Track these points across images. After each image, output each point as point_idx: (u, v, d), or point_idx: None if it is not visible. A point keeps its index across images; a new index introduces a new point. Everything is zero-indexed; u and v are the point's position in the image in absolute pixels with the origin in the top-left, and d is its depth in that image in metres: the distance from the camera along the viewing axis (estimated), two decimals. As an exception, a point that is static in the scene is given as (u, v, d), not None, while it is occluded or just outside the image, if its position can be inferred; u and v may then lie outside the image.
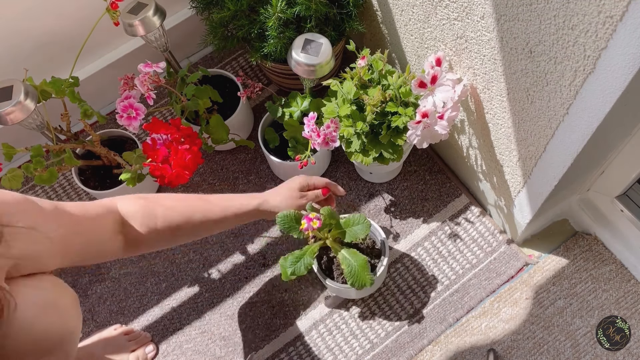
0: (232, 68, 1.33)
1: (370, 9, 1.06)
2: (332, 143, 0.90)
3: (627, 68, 0.56)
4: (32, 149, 0.93)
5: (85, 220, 0.71)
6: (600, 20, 0.55)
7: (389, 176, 1.19)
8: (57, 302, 0.61)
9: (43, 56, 1.13)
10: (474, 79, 0.85)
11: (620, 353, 1.00)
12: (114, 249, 0.76)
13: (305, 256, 0.89)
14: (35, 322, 0.57)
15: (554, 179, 0.82)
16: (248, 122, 1.24)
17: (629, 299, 1.04)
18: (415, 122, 0.83)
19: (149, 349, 1.07)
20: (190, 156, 0.92)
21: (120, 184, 1.09)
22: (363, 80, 0.93)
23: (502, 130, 0.86)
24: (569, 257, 1.09)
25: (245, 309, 1.11)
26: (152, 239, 0.81)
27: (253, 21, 1.02)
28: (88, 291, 1.15)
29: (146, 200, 0.82)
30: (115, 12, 0.93)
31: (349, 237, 0.91)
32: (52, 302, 0.60)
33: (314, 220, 0.86)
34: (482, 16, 0.72)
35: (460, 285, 1.09)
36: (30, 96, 0.92)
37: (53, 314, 0.60)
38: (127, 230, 0.78)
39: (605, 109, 0.62)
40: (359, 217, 0.91)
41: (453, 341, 1.05)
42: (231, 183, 1.22)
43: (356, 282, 0.88)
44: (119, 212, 0.78)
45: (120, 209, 0.78)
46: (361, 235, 0.90)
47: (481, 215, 1.14)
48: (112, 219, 0.76)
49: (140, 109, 0.95)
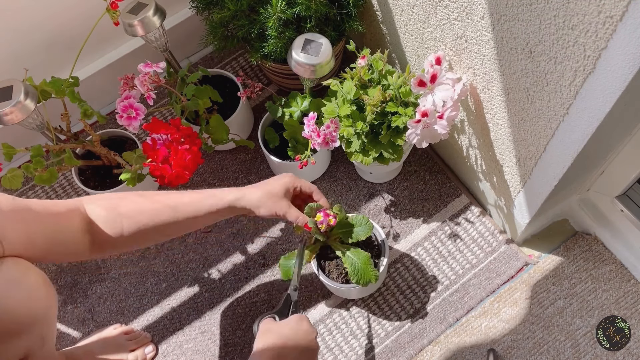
0: (232, 68, 1.33)
1: (370, 9, 1.06)
2: (332, 143, 0.90)
3: (627, 68, 0.56)
4: (32, 149, 0.93)
5: (48, 215, 0.70)
6: (600, 20, 0.55)
7: (389, 176, 1.19)
8: (21, 280, 0.60)
9: (43, 56, 1.14)
10: (474, 79, 0.85)
11: (620, 353, 1.00)
12: (80, 248, 0.74)
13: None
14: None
15: (554, 179, 0.82)
16: (248, 122, 1.24)
17: (629, 299, 1.04)
18: (415, 121, 0.83)
19: (149, 349, 1.07)
20: (190, 156, 0.92)
21: (120, 184, 1.09)
22: (363, 80, 0.93)
23: (502, 130, 0.86)
24: (569, 257, 1.09)
25: (245, 309, 1.11)
26: (119, 241, 0.78)
27: (253, 21, 1.02)
28: (88, 291, 1.15)
29: (112, 200, 0.79)
30: (115, 12, 0.93)
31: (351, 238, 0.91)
32: (14, 280, 0.59)
33: (330, 217, 0.84)
34: (482, 16, 0.72)
35: (460, 285, 1.09)
36: (30, 96, 0.92)
37: (16, 292, 0.58)
38: (94, 230, 0.76)
39: (605, 109, 0.62)
40: (361, 219, 0.91)
41: (453, 341, 1.05)
42: (231, 183, 1.22)
43: (361, 279, 0.88)
44: (86, 211, 0.76)
45: (86, 208, 0.76)
46: (363, 237, 0.90)
47: (481, 215, 1.14)
48: (78, 218, 0.74)
49: (140, 109, 0.95)
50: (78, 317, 1.12)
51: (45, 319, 0.61)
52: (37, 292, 0.60)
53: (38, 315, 0.60)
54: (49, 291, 0.63)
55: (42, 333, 0.61)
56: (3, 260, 0.60)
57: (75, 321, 1.12)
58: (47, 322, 0.62)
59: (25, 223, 0.64)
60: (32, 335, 0.60)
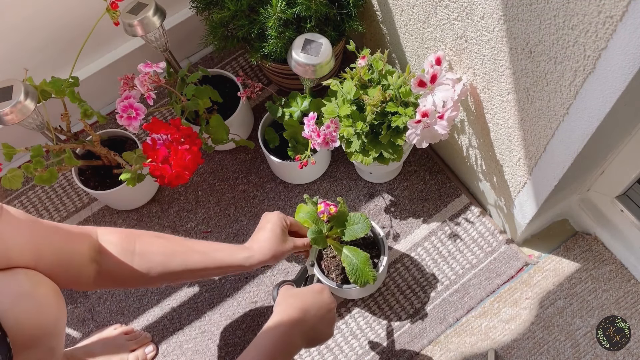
0: (232, 68, 1.33)
1: (370, 9, 1.06)
2: (332, 143, 0.90)
3: (627, 68, 0.56)
4: (32, 149, 0.93)
5: (57, 231, 0.69)
6: (600, 20, 0.55)
7: (389, 176, 1.19)
8: (33, 293, 0.59)
9: (43, 56, 1.14)
10: (474, 79, 0.85)
11: (620, 353, 1.00)
12: (85, 276, 0.73)
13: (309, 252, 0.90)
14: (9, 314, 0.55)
15: (554, 179, 0.82)
16: (248, 122, 1.24)
17: (629, 299, 1.04)
18: (415, 122, 0.83)
19: (149, 349, 1.07)
20: (190, 156, 0.92)
21: (120, 184, 1.09)
22: (363, 80, 0.93)
23: (502, 130, 0.86)
24: (569, 257, 1.09)
25: (245, 309, 1.11)
26: (126, 276, 0.78)
27: (253, 21, 1.02)
28: (88, 291, 1.15)
29: (128, 234, 0.79)
30: (115, 12, 0.93)
31: (348, 235, 0.91)
32: (26, 293, 0.58)
33: (331, 207, 0.87)
34: (482, 16, 0.72)
35: (460, 285, 1.09)
36: (30, 96, 0.92)
37: (28, 305, 0.58)
38: (102, 261, 0.75)
39: (605, 109, 0.62)
40: (359, 216, 0.91)
41: (453, 341, 1.05)
42: (231, 183, 1.22)
43: (359, 279, 0.88)
44: (98, 239, 0.75)
45: (100, 237, 0.76)
46: (361, 235, 0.90)
47: (481, 215, 1.14)
48: (88, 244, 0.73)
49: (140, 109, 0.95)
50: (78, 317, 1.12)
51: (55, 331, 0.61)
52: (48, 305, 0.60)
53: (48, 327, 0.59)
54: (59, 303, 0.62)
55: (51, 345, 0.60)
56: (14, 271, 0.60)
57: (75, 321, 1.12)
58: (56, 333, 0.61)
59: (33, 234, 0.64)
60: (42, 347, 0.59)
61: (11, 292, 0.57)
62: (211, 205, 1.21)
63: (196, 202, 1.21)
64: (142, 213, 1.21)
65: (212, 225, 1.18)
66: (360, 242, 1.03)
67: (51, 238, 0.67)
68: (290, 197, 1.19)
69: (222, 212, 1.19)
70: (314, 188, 1.20)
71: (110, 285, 0.79)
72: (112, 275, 0.76)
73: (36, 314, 0.58)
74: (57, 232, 0.69)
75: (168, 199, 1.22)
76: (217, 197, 1.21)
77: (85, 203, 1.23)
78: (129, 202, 1.20)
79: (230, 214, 1.19)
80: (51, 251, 0.67)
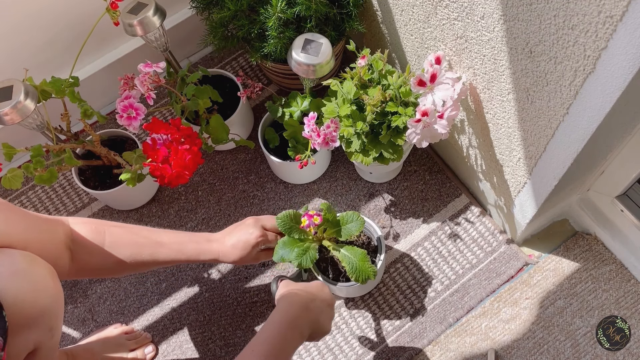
0: (232, 68, 1.33)
1: (370, 9, 1.06)
2: (332, 143, 0.90)
3: (627, 68, 0.56)
4: (32, 149, 0.93)
5: (37, 218, 0.71)
6: (600, 20, 0.55)
7: (389, 176, 1.19)
8: (29, 271, 0.60)
9: (43, 56, 1.14)
10: (474, 79, 0.85)
11: (620, 353, 1.00)
12: (61, 263, 0.74)
13: (310, 250, 0.89)
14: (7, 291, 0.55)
15: (554, 179, 0.82)
16: (248, 122, 1.24)
17: (629, 299, 1.04)
18: (414, 121, 0.83)
19: (148, 349, 1.07)
20: (190, 156, 0.92)
21: (120, 184, 1.09)
22: (363, 80, 0.93)
23: (502, 130, 0.86)
24: (569, 257, 1.09)
25: (245, 309, 1.11)
26: (98, 266, 0.81)
27: (253, 21, 1.02)
28: (88, 291, 1.15)
29: (97, 225, 0.82)
30: (115, 12, 0.93)
31: (344, 235, 0.91)
32: (22, 271, 0.59)
33: (315, 217, 0.86)
34: (482, 16, 0.72)
35: (460, 285, 1.09)
36: (30, 96, 0.92)
37: (25, 282, 0.58)
38: (75, 248, 0.77)
39: (605, 109, 0.62)
40: (352, 215, 0.92)
41: (453, 341, 1.05)
42: (231, 183, 1.22)
43: (359, 276, 0.88)
44: (70, 228, 0.77)
45: (71, 226, 0.77)
46: (355, 232, 0.90)
47: (481, 215, 1.14)
48: (62, 230, 0.75)
49: (140, 109, 0.95)
50: (78, 317, 1.12)
51: (53, 310, 0.61)
52: (44, 284, 0.60)
53: (46, 306, 0.60)
54: (55, 282, 0.63)
55: (50, 324, 0.61)
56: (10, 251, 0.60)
57: (75, 321, 1.12)
58: (54, 313, 0.61)
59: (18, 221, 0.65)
60: (41, 327, 0.59)
61: (7, 270, 0.57)
62: (211, 205, 1.21)
63: (196, 202, 1.21)
64: (142, 213, 1.21)
65: (212, 225, 1.18)
66: (357, 242, 1.03)
67: (22, 216, 0.68)
68: (290, 197, 1.19)
69: (222, 212, 1.20)
70: (314, 188, 1.20)
71: (84, 274, 0.81)
72: (85, 263, 0.78)
73: (33, 292, 0.58)
74: (29, 213, 0.70)
75: (168, 199, 1.22)
76: (217, 197, 1.21)
77: (85, 203, 1.23)
78: (129, 202, 1.20)
79: (230, 214, 1.19)
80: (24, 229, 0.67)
